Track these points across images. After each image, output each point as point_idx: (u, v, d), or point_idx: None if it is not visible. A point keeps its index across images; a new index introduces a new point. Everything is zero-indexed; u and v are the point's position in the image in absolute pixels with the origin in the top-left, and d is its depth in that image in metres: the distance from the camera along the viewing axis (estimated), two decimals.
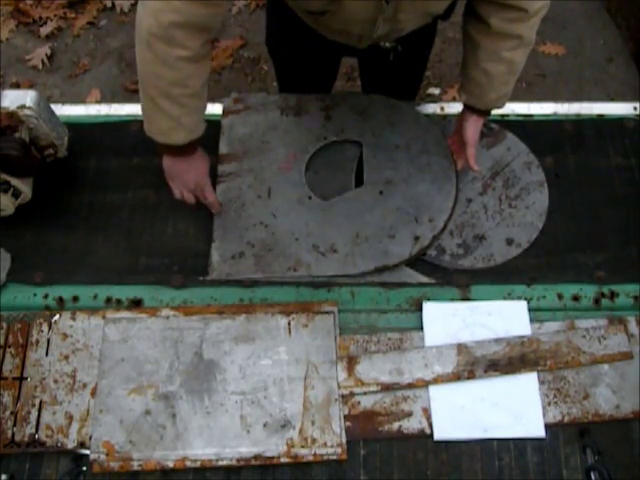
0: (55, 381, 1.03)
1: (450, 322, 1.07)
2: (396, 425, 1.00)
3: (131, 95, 2.28)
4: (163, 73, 0.92)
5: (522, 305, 1.08)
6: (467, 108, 1.13)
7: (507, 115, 1.28)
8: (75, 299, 1.10)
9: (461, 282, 1.11)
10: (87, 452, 0.98)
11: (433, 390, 1.02)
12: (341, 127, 1.25)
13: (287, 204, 1.17)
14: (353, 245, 1.13)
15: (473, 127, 1.13)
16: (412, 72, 1.40)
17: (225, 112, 1.27)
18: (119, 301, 1.10)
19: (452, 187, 1.18)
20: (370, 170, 1.20)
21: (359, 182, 1.20)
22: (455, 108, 1.30)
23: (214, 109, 1.28)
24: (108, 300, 1.10)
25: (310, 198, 1.18)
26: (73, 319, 1.07)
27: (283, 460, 0.97)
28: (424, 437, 1.00)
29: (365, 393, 1.02)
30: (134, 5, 2.49)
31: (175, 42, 0.89)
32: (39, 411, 1.01)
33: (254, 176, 1.20)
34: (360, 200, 1.17)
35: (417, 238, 1.12)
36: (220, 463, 0.97)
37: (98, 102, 2.21)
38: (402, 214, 1.15)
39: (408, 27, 1.04)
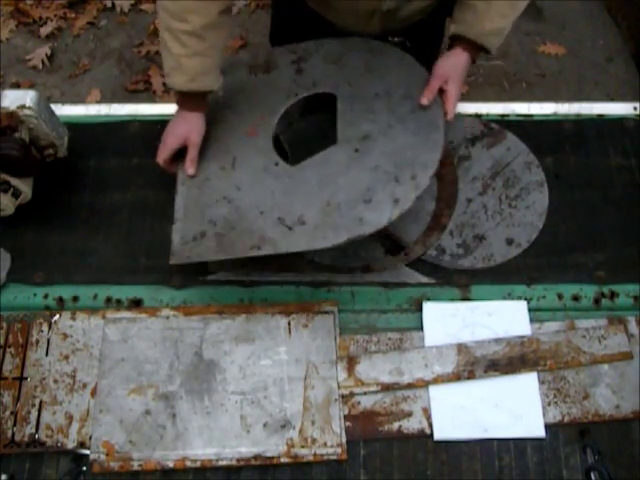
0: (55, 381, 1.03)
1: (450, 322, 1.07)
2: (396, 425, 1.00)
3: (131, 95, 2.28)
4: (166, 4, 0.95)
5: (522, 305, 1.08)
6: (454, 41, 1.05)
7: (507, 115, 1.28)
8: (75, 299, 1.10)
9: (461, 282, 1.11)
10: (87, 452, 0.98)
11: (433, 390, 1.02)
12: (313, 80, 1.12)
13: (252, 174, 1.06)
14: (323, 215, 0.98)
15: (452, 60, 1.04)
16: None
17: None
18: (119, 301, 1.10)
19: (440, 136, 1.02)
20: (345, 126, 1.05)
21: (333, 141, 1.06)
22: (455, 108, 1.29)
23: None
24: (108, 300, 1.10)
25: (277, 164, 1.06)
26: (73, 319, 1.07)
27: (283, 460, 0.97)
28: (424, 437, 1.00)
29: (365, 393, 1.02)
30: (134, 5, 2.49)
31: None
32: (39, 411, 1.01)
33: (218, 146, 1.10)
34: (332, 162, 1.03)
35: (397, 201, 0.97)
36: (220, 463, 0.97)
37: (98, 102, 2.21)
38: (380, 173, 1.00)
39: (416, 3, 1.01)
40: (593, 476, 0.96)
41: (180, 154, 1.09)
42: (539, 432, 1.00)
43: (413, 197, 0.97)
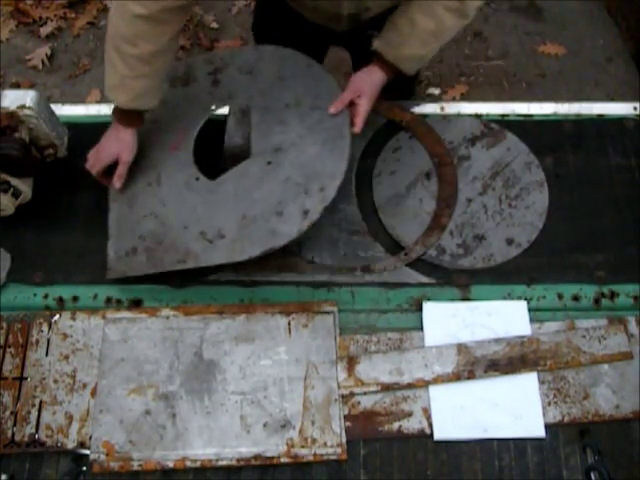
0: (55, 381, 1.03)
1: (450, 322, 1.07)
2: (396, 425, 1.00)
3: None
4: (118, 25, 0.96)
5: (522, 305, 1.08)
6: (374, 56, 1.06)
7: (507, 115, 1.28)
8: (75, 299, 1.10)
9: (461, 282, 1.11)
10: (87, 452, 0.98)
11: (433, 390, 1.02)
12: (229, 92, 1.13)
13: (176, 189, 1.08)
14: (240, 228, 1.01)
15: (368, 76, 1.05)
16: None
17: None
18: (119, 301, 1.10)
19: (345, 145, 1.03)
20: (258, 138, 1.07)
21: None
22: (455, 108, 1.30)
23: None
24: (108, 300, 1.10)
25: (198, 179, 1.08)
26: (73, 319, 1.07)
27: (283, 460, 0.97)
28: (424, 437, 1.00)
29: (365, 393, 1.02)
30: None
31: None
32: (39, 411, 1.01)
33: (145, 161, 1.12)
34: (248, 175, 1.04)
35: (306, 212, 0.99)
36: (220, 463, 0.97)
37: (98, 102, 2.21)
38: (291, 186, 1.02)
39: (374, 7, 1.03)
40: (593, 476, 0.96)
41: (112, 168, 1.11)
42: (539, 432, 1.00)
43: (321, 209, 0.99)
